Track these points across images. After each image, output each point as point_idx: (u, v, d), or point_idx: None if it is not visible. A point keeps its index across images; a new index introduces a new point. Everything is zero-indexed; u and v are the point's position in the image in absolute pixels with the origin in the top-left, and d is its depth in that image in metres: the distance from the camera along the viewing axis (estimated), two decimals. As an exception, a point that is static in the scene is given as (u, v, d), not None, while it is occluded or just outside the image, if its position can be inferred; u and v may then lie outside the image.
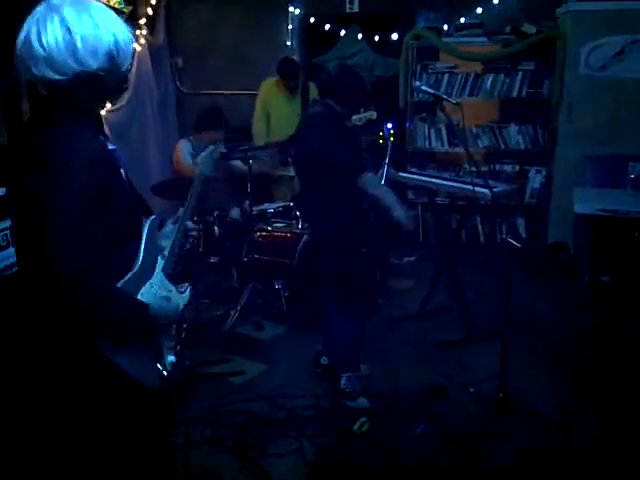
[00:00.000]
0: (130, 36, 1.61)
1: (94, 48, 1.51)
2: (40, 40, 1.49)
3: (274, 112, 5.47)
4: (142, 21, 5.40)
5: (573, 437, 2.91)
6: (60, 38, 1.48)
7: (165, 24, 5.96)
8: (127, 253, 1.71)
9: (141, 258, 1.75)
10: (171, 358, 1.85)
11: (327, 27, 6.35)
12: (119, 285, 1.65)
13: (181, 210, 1.98)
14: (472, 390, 3.29)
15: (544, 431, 2.96)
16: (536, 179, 5.70)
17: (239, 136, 5.54)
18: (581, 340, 3.93)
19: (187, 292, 1.92)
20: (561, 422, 2.99)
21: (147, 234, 1.79)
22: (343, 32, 6.61)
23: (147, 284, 1.75)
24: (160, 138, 5.76)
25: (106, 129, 1.85)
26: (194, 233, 1.99)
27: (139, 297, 1.70)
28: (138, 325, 1.69)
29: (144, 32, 5.41)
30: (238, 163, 4.44)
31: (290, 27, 6.15)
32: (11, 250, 2.78)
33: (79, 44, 1.49)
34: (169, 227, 1.96)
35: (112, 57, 1.55)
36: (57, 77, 1.52)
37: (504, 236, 5.68)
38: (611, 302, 4.52)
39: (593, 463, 2.74)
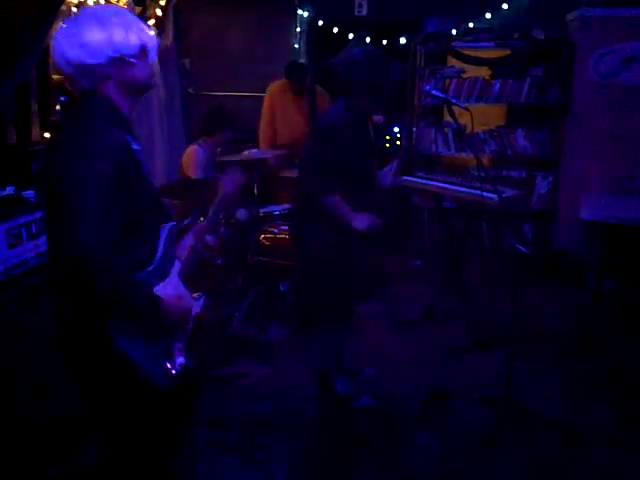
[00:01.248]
0: (155, 39, 1.85)
1: (128, 40, 1.71)
2: (83, 33, 1.66)
3: (281, 114, 5.46)
4: (151, 22, 5.39)
5: (580, 444, 2.90)
6: (101, 33, 1.67)
7: (174, 25, 5.96)
8: (143, 249, 1.78)
9: (159, 258, 1.82)
10: (180, 360, 1.87)
11: (335, 30, 6.36)
12: (142, 274, 1.73)
13: (202, 220, 2.10)
14: (477, 396, 3.28)
15: (550, 437, 2.94)
16: (543, 185, 5.69)
17: (245, 138, 5.55)
18: (587, 346, 3.92)
19: (200, 301, 2.01)
20: (566, 427, 2.97)
21: (166, 238, 1.86)
22: (351, 35, 6.62)
23: (161, 284, 1.80)
24: (166, 139, 5.76)
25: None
26: (211, 247, 2.06)
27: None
28: (152, 316, 1.71)
29: (152, 33, 5.41)
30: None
31: (298, 30, 6.16)
32: (19, 250, 2.78)
33: (114, 31, 1.68)
34: (189, 238, 2.03)
35: (144, 48, 1.75)
36: (92, 61, 1.67)
37: (511, 241, 5.66)
38: (617, 309, 4.50)
39: (602, 471, 2.73)
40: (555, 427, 2.99)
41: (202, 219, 2.19)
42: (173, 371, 1.82)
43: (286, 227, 4.45)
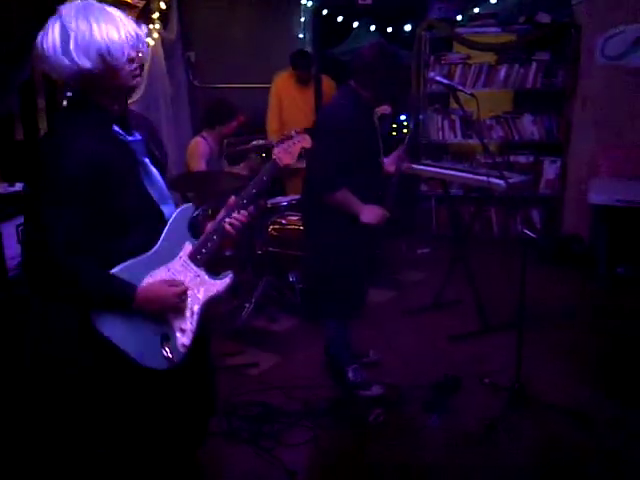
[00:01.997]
0: (128, 35, 1.68)
1: (86, 48, 1.62)
2: (42, 43, 1.64)
3: (287, 104, 5.48)
4: (155, 15, 5.41)
5: (590, 428, 2.90)
6: (57, 40, 1.62)
7: (178, 18, 5.97)
8: (135, 239, 1.77)
9: (159, 243, 1.83)
10: (183, 340, 1.86)
11: (340, 19, 6.34)
12: (122, 266, 1.73)
13: (233, 198, 2.00)
14: (487, 381, 3.29)
15: (560, 422, 2.95)
16: (551, 170, 5.68)
17: (252, 129, 5.57)
18: (596, 331, 3.92)
19: (226, 279, 1.97)
20: (577, 413, 2.98)
21: (174, 221, 1.87)
22: (356, 24, 6.59)
23: (163, 267, 1.84)
24: (173, 131, 5.79)
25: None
26: (236, 222, 1.97)
27: (147, 278, 1.79)
28: (122, 307, 1.74)
29: (157, 26, 5.42)
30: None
31: (302, 19, 6.15)
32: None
33: (71, 45, 1.61)
34: (222, 213, 1.99)
35: (103, 57, 1.63)
36: (57, 76, 1.66)
37: (519, 227, 5.65)
38: (627, 293, 4.49)
39: (610, 455, 2.74)
40: (564, 412, 3.00)
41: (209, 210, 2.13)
42: (170, 354, 1.81)
43: (294, 217, 4.48)
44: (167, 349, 1.81)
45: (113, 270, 1.73)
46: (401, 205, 5.03)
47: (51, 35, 1.62)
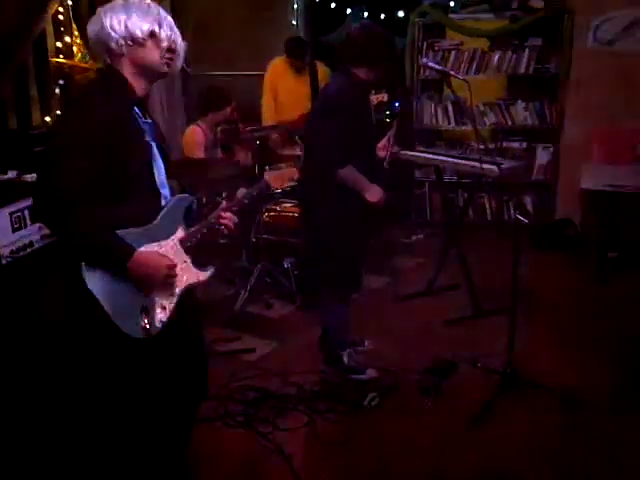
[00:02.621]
0: (172, 30, 1.97)
1: (141, 23, 1.87)
2: (105, 13, 1.88)
3: (282, 91, 5.46)
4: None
5: (582, 412, 2.94)
6: (120, 13, 1.87)
7: (171, 6, 5.93)
8: (132, 210, 1.89)
9: (156, 221, 1.94)
10: (161, 316, 1.94)
11: (332, 6, 6.32)
12: (124, 230, 1.85)
13: (224, 203, 2.12)
14: (480, 365, 3.32)
15: (553, 406, 2.98)
16: (543, 155, 5.69)
17: (246, 116, 5.55)
18: (589, 315, 3.96)
19: (207, 272, 2.08)
20: (569, 397, 3.01)
21: (172, 205, 2.00)
22: (349, 11, 6.58)
23: (155, 243, 1.94)
24: (167, 120, 5.76)
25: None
26: (227, 222, 2.08)
27: (140, 249, 1.88)
28: (119, 261, 1.83)
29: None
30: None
31: (295, 6, 6.12)
32: (23, 232, 2.81)
33: (131, 17, 1.87)
34: (213, 214, 2.10)
35: (153, 33, 1.90)
36: (106, 45, 1.88)
37: (512, 213, 5.68)
38: (618, 277, 4.52)
39: (602, 437, 2.77)
40: (556, 394, 3.03)
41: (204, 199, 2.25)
42: (148, 325, 1.89)
43: (289, 204, 4.48)
44: (145, 320, 1.89)
45: None
46: (397, 191, 5.07)
47: (115, 9, 1.88)
